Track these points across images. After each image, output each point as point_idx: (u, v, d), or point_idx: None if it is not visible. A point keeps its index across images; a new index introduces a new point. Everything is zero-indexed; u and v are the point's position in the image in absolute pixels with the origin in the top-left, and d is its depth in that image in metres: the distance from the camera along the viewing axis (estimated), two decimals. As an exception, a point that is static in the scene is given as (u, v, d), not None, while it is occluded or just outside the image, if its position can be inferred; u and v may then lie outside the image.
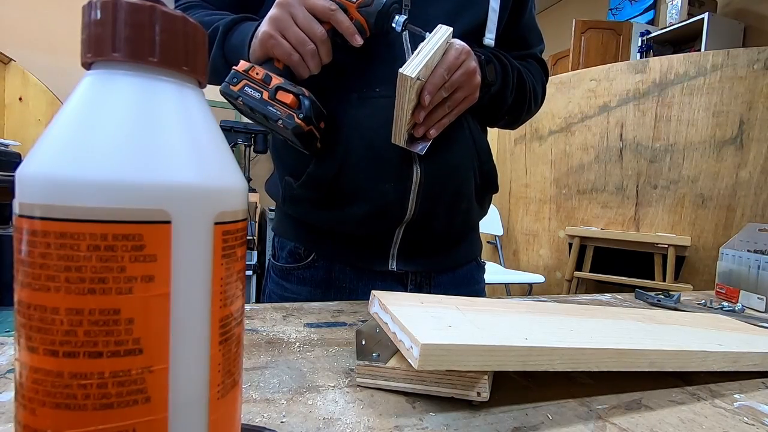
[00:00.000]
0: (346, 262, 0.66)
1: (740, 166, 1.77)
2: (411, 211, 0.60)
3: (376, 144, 0.57)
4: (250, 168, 3.23)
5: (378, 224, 0.62)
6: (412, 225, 0.62)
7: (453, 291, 0.69)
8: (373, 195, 0.59)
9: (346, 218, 0.62)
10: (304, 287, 0.67)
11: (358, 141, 0.58)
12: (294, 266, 0.67)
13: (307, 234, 0.67)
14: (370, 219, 0.61)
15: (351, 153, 0.57)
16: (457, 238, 0.70)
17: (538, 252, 2.44)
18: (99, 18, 0.16)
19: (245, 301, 0.20)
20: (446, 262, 0.70)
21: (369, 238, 0.64)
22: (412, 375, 0.32)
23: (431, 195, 0.60)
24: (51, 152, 0.15)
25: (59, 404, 0.15)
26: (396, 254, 0.64)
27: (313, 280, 0.66)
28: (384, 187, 0.59)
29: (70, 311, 0.14)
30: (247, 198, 0.20)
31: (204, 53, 0.19)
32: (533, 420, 0.30)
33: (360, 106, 0.58)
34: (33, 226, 0.15)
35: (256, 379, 0.34)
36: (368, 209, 0.60)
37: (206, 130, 0.18)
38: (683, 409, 0.33)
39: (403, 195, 0.59)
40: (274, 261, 0.71)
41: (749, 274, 0.72)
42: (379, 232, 0.63)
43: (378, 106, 0.57)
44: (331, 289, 0.66)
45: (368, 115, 0.57)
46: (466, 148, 0.63)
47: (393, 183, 0.59)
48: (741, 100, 1.77)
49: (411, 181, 0.59)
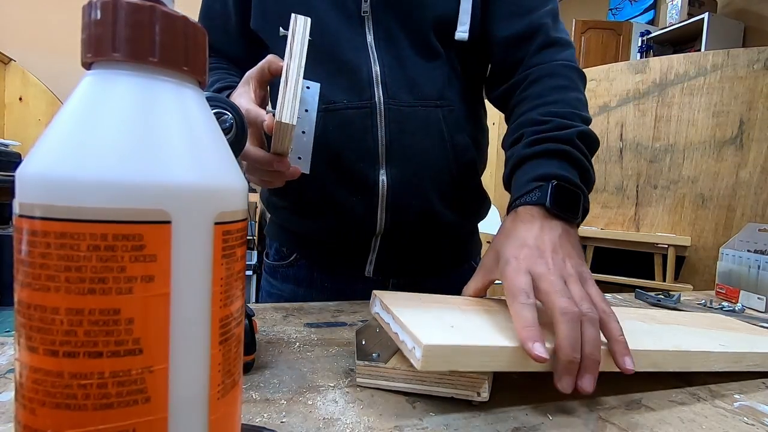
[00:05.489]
0: (325, 266, 0.66)
1: (740, 166, 1.77)
2: (381, 224, 0.59)
3: (342, 156, 0.56)
4: (250, 168, 3.23)
5: (351, 236, 0.61)
6: (387, 236, 0.60)
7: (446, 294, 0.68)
8: (341, 208, 0.59)
9: (319, 228, 0.62)
10: (288, 284, 0.67)
11: (323, 153, 0.55)
12: (280, 264, 0.68)
13: (289, 238, 0.68)
14: (342, 230, 0.60)
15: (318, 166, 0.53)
16: (439, 246, 0.66)
17: (538, 252, 2.44)
18: (99, 18, 0.16)
19: (245, 301, 0.20)
20: (432, 267, 0.67)
21: (345, 248, 0.63)
22: (412, 375, 0.32)
23: (401, 206, 0.58)
24: (51, 152, 0.15)
25: (59, 404, 0.15)
26: (374, 262, 0.63)
27: (296, 278, 0.67)
28: (351, 200, 0.58)
29: (70, 311, 0.14)
30: (247, 198, 0.20)
31: (204, 53, 0.19)
32: (533, 420, 0.30)
33: (327, 119, 0.56)
34: (33, 226, 0.15)
35: (256, 379, 0.34)
36: (338, 221, 0.60)
37: (206, 130, 0.18)
38: (683, 409, 0.33)
39: (371, 208, 0.58)
40: (266, 259, 0.72)
41: (749, 274, 0.72)
42: (353, 242, 0.62)
43: (344, 117, 0.56)
44: (314, 287, 0.66)
45: (334, 126, 0.56)
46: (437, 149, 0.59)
47: (360, 196, 0.57)
48: (741, 100, 1.77)
49: (378, 194, 0.57)
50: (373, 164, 0.57)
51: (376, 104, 0.56)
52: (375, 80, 0.56)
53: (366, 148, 0.56)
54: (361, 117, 0.56)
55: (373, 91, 0.56)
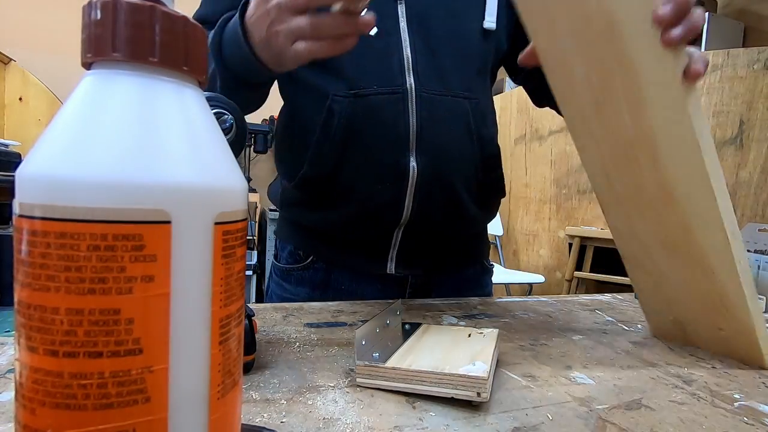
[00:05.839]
0: (344, 265, 0.65)
1: (740, 166, 1.77)
2: (407, 212, 0.59)
3: (372, 142, 0.56)
4: (250, 168, 3.23)
5: (373, 227, 0.60)
6: (411, 227, 0.61)
7: (454, 295, 0.68)
8: (366, 196, 0.58)
9: (341, 221, 0.61)
10: (302, 288, 0.66)
11: (353, 140, 0.56)
12: (293, 267, 0.67)
13: (305, 237, 0.66)
14: (365, 221, 0.60)
15: (346, 152, 0.56)
16: (459, 240, 0.68)
17: (538, 252, 2.44)
18: (99, 18, 0.16)
19: (245, 301, 0.20)
20: (448, 265, 0.68)
21: (366, 242, 0.63)
22: (412, 375, 0.32)
23: (428, 195, 0.58)
24: (51, 152, 0.15)
25: (59, 404, 0.15)
26: (395, 257, 0.63)
27: (311, 281, 0.66)
28: (378, 188, 0.57)
29: (70, 311, 0.14)
30: (247, 198, 0.20)
31: (204, 53, 0.19)
32: (533, 420, 0.30)
33: (356, 104, 0.56)
34: (33, 226, 0.15)
35: (256, 379, 0.34)
36: (362, 211, 0.59)
37: (206, 130, 0.18)
38: (683, 409, 0.33)
39: (399, 196, 0.58)
40: (275, 261, 0.71)
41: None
42: (375, 235, 0.62)
43: (375, 103, 0.56)
44: (330, 290, 0.65)
45: (365, 112, 0.56)
46: (465, 140, 0.60)
47: (388, 183, 0.57)
48: (741, 100, 1.77)
49: (407, 181, 0.57)
50: (403, 151, 0.56)
51: (408, 90, 0.56)
52: (407, 66, 0.56)
53: (396, 134, 0.56)
54: (391, 103, 0.55)
55: (405, 77, 0.56)
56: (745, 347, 0.43)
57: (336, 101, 0.56)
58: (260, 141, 3.08)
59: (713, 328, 0.45)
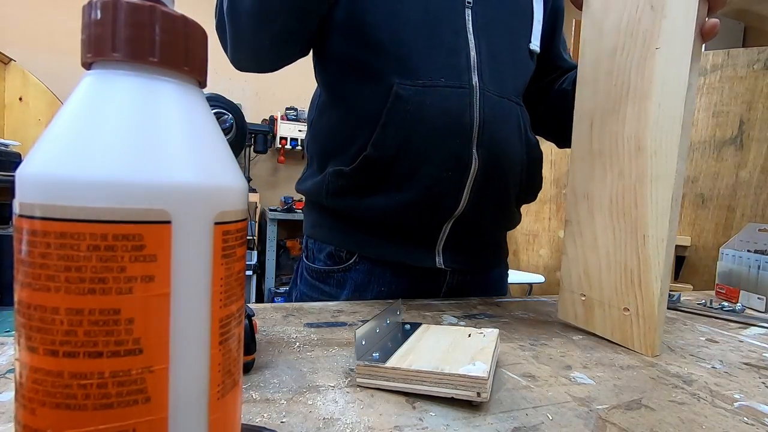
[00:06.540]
0: (391, 257, 0.64)
1: (740, 166, 1.77)
2: (464, 203, 0.60)
3: (438, 131, 0.58)
4: (250, 168, 3.23)
5: (430, 215, 0.61)
6: (462, 219, 0.62)
7: (480, 294, 0.71)
8: (427, 182, 0.59)
9: (398, 206, 0.60)
10: (342, 290, 0.66)
11: (420, 126, 0.57)
12: (333, 269, 0.66)
13: (349, 233, 0.65)
14: (423, 208, 0.60)
15: (412, 137, 0.57)
16: (497, 237, 0.72)
17: (538, 252, 2.44)
18: (99, 18, 0.16)
19: (245, 301, 0.20)
20: (485, 262, 0.71)
21: (416, 231, 0.63)
22: (412, 375, 0.32)
23: (484, 188, 0.61)
24: (51, 152, 0.15)
25: (59, 404, 0.15)
26: (442, 250, 0.64)
27: (352, 282, 0.65)
28: (441, 175, 0.59)
29: (70, 311, 0.14)
30: (247, 198, 0.20)
31: (204, 53, 0.19)
32: (533, 420, 0.30)
33: (425, 93, 0.58)
34: (33, 226, 0.15)
35: (256, 379, 0.34)
36: (423, 196, 0.59)
37: (206, 130, 0.18)
38: (683, 409, 0.33)
39: (459, 185, 0.60)
40: (309, 263, 0.69)
41: (749, 274, 0.72)
42: (429, 224, 0.63)
43: (442, 94, 0.58)
44: (369, 291, 0.65)
45: (432, 102, 0.58)
46: (516, 142, 0.64)
47: (451, 172, 0.59)
48: (741, 100, 1.77)
49: (468, 171, 0.59)
50: (467, 142, 0.58)
51: (474, 87, 0.59)
52: (473, 65, 0.59)
53: (462, 125, 0.58)
54: (458, 96, 0.58)
55: (471, 74, 0.59)
56: (641, 333, 0.45)
57: (402, 88, 0.57)
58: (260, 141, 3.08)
59: (619, 308, 0.48)
